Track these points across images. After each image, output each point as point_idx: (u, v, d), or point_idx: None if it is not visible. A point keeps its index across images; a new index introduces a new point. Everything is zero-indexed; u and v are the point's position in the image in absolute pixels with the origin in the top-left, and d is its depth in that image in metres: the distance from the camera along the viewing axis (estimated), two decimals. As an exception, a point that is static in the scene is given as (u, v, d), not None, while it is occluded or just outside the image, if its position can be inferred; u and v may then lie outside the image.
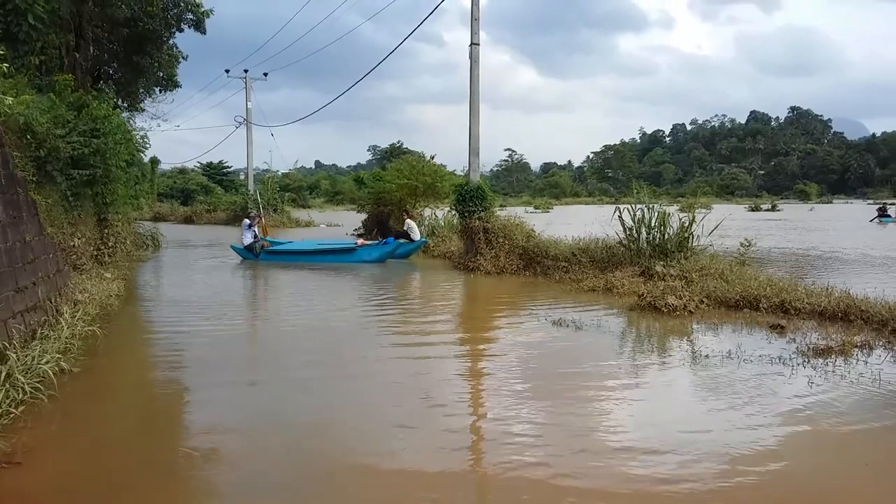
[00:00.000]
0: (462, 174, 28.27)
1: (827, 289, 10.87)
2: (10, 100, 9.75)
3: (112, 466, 4.94)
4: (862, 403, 6.36)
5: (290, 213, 45.30)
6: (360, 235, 25.40)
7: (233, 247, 20.86)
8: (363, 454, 5.17)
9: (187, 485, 4.74)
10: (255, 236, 20.06)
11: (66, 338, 7.92)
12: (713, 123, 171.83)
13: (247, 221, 20.53)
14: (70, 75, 15.62)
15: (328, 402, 6.55)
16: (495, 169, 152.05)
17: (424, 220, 25.99)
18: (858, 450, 5.36)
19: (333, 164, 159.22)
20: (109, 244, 15.84)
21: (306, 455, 5.19)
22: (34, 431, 5.50)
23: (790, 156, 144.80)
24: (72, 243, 12.47)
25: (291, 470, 4.89)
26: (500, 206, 22.42)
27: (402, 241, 20.65)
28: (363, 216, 30.65)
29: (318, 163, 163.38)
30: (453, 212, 20.62)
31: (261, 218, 22.08)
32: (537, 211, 67.87)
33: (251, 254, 19.68)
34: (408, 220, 21.52)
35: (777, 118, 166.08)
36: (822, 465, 5.07)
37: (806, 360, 7.81)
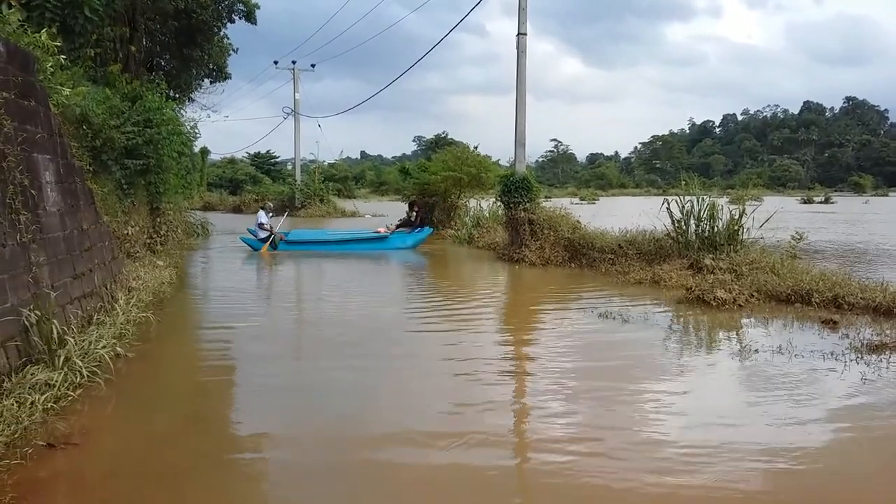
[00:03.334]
0: (507, 165, 28.16)
1: (882, 284, 10.58)
2: (67, 91, 10.01)
3: (162, 450, 5.07)
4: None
5: (336, 203, 45.66)
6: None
7: (243, 239, 20.49)
8: (405, 445, 5.23)
9: (233, 471, 4.85)
10: (271, 229, 19.77)
11: (121, 323, 8.14)
12: (765, 114, 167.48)
13: (262, 213, 20.12)
14: (119, 65, 15.97)
15: (371, 392, 6.62)
16: (540, 160, 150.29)
17: (469, 211, 26.02)
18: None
19: (379, 155, 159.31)
20: (161, 232, 16.20)
21: (349, 445, 5.25)
22: (91, 414, 5.68)
23: (845, 147, 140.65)
24: (126, 231, 12.77)
25: (334, 459, 4.96)
26: (546, 197, 22.24)
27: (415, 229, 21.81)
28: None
29: (363, 153, 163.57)
30: (498, 203, 20.56)
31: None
32: (583, 202, 67.11)
33: (269, 246, 19.39)
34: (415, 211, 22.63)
35: (832, 108, 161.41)
36: (873, 463, 4.96)
37: (859, 356, 7.62)
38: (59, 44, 9.69)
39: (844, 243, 22.57)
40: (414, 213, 22.45)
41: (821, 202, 70.67)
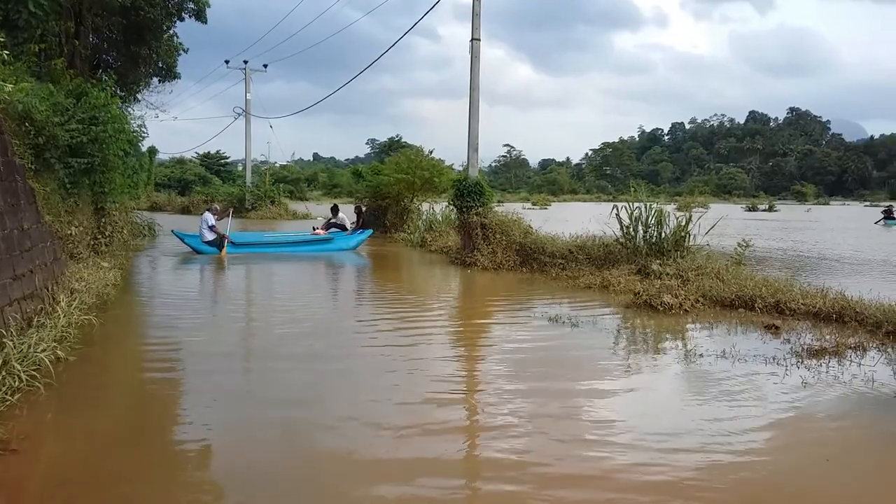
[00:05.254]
0: (460, 169, 28.27)
1: (822, 290, 10.90)
2: (9, 87, 9.72)
3: (106, 456, 4.95)
4: (854, 404, 6.41)
5: (287, 206, 45.24)
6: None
7: (186, 242, 19.64)
8: (352, 448, 5.20)
9: (179, 476, 4.76)
10: (217, 231, 19.21)
11: (63, 326, 7.91)
12: (712, 123, 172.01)
13: (208, 216, 19.37)
14: (63, 60, 15.56)
15: (319, 396, 6.57)
16: (493, 165, 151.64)
17: (422, 215, 26.07)
18: (848, 450, 5.40)
19: (332, 157, 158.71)
20: (106, 233, 15.81)
21: (296, 448, 5.23)
22: (30, 419, 5.52)
23: (788, 156, 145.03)
24: (69, 232, 12.43)
25: (281, 463, 4.90)
26: (498, 201, 22.41)
27: (336, 230, 22.61)
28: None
29: (316, 155, 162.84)
30: (451, 207, 20.64)
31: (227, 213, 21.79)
32: (535, 207, 67.81)
33: (214, 248, 18.94)
34: (340, 214, 23.44)
35: (776, 119, 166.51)
36: (808, 465, 5.10)
37: (800, 360, 7.85)
38: (1, 38, 9.43)
39: (786, 249, 23.20)
40: (340, 217, 23.25)
41: (765, 210, 72.54)
